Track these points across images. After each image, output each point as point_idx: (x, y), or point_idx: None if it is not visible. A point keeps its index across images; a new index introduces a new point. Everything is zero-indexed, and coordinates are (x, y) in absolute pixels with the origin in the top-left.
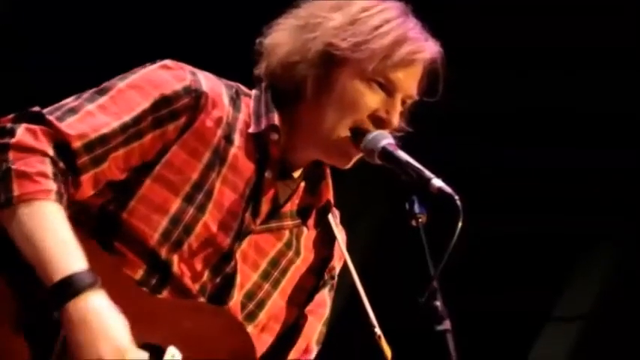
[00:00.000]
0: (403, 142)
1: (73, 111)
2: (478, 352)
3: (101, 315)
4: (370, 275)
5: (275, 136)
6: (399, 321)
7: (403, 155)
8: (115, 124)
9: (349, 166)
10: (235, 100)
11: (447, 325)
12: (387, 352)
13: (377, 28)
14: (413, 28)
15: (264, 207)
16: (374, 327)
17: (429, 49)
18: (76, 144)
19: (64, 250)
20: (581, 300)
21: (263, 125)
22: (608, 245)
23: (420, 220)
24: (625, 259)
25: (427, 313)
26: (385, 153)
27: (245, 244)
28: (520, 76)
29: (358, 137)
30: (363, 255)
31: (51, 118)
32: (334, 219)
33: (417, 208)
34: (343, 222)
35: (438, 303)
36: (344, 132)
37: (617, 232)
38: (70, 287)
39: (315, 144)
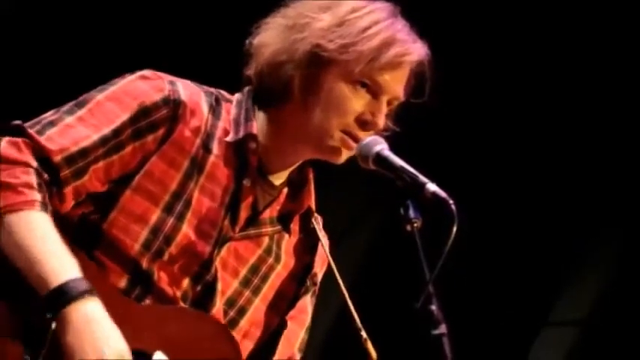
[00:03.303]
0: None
1: (52, 124)
2: (474, 358)
3: (101, 321)
4: (365, 281)
5: (253, 145)
6: (395, 326)
7: (397, 160)
8: (95, 136)
9: (342, 161)
10: (215, 108)
11: (443, 329)
12: (373, 354)
13: (365, 30)
14: (401, 29)
15: (243, 214)
16: (360, 330)
17: (416, 51)
18: (57, 158)
19: (56, 258)
20: (579, 304)
21: (241, 134)
22: (606, 250)
23: (415, 224)
24: (622, 263)
25: (423, 318)
26: (379, 158)
27: (224, 251)
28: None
29: (350, 137)
30: (358, 263)
31: (31, 131)
32: (317, 225)
33: (411, 212)
34: (337, 233)
35: (433, 307)
36: (336, 134)
37: (615, 237)
38: (67, 293)
39: (305, 142)
